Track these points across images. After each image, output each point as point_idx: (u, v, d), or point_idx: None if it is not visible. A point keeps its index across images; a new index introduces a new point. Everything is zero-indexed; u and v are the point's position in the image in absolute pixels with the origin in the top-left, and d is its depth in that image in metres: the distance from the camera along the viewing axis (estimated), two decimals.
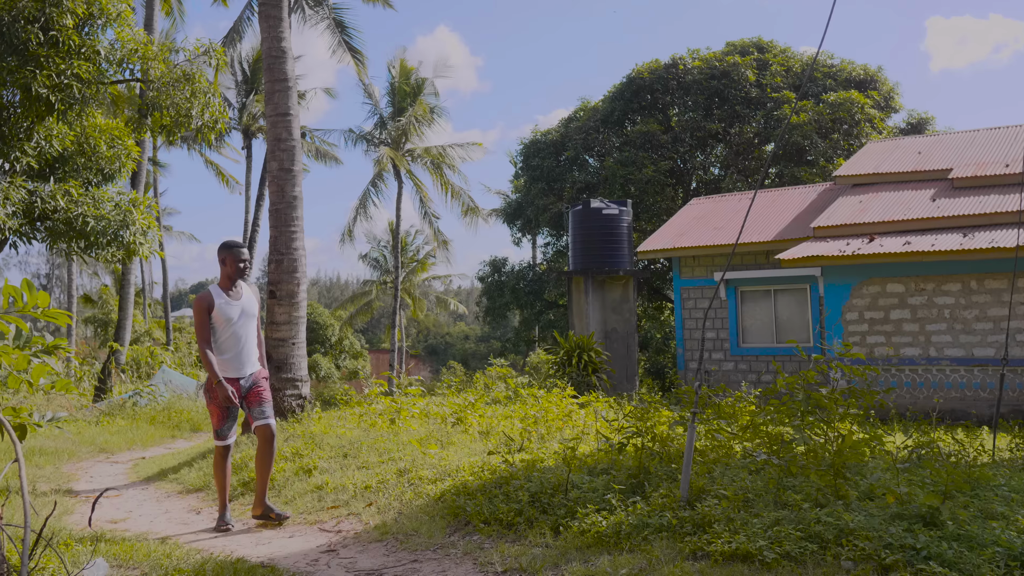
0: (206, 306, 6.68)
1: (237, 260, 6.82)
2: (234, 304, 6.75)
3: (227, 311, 6.70)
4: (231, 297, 6.78)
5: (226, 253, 6.83)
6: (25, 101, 11.49)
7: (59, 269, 53.45)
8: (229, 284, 6.82)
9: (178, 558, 5.26)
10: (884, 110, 30.27)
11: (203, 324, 6.66)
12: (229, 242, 6.89)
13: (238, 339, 6.75)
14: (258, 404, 6.78)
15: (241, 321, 6.75)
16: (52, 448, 11.20)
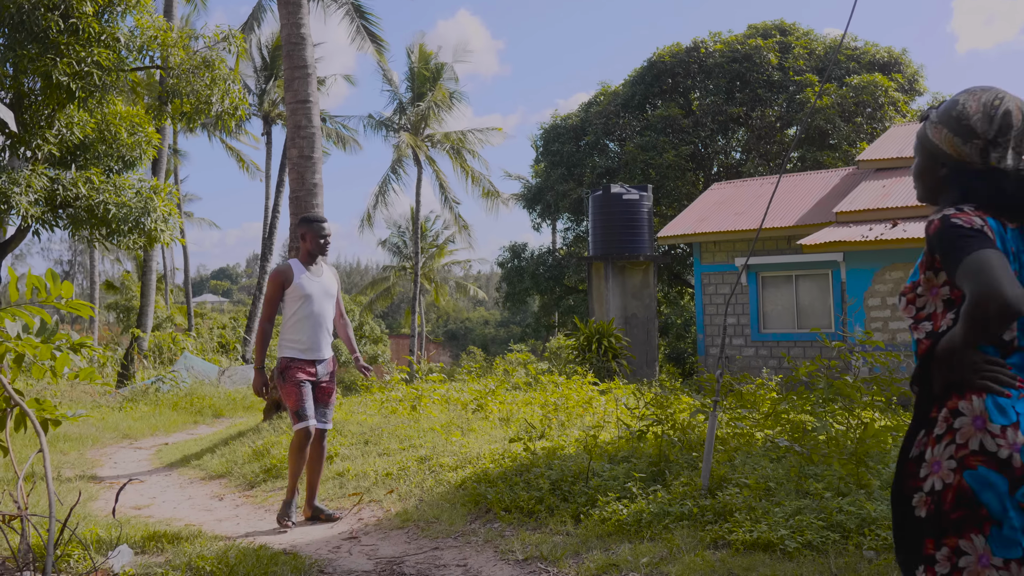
0: (281, 280, 6.21)
1: (318, 236, 6.30)
2: (314, 280, 6.28)
3: (306, 285, 6.21)
4: (311, 273, 6.31)
5: (306, 228, 6.35)
6: (46, 89, 11.56)
7: (81, 256, 53.91)
8: (310, 260, 6.35)
9: (201, 545, 5.30)
10: (908, 93, 29.97)
11: (272, 299, 6.21)
12: (309, 216, 6.42)
13: (315, 319, 6.23)
14: (323, 404, 6.31)
15: (320, 300, 6.26)
16: (76, 434, 11.31)
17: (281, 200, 30.60)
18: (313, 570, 4.84)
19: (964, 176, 2.42)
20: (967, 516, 2.20)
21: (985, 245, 2.19)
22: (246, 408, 15.14)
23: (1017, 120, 2.35)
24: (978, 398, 2.24)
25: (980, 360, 2.24)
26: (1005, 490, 2.16)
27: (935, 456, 2.29)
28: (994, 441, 2.18)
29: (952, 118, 2.42)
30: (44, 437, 3.34)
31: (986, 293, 2.09)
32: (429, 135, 36.01)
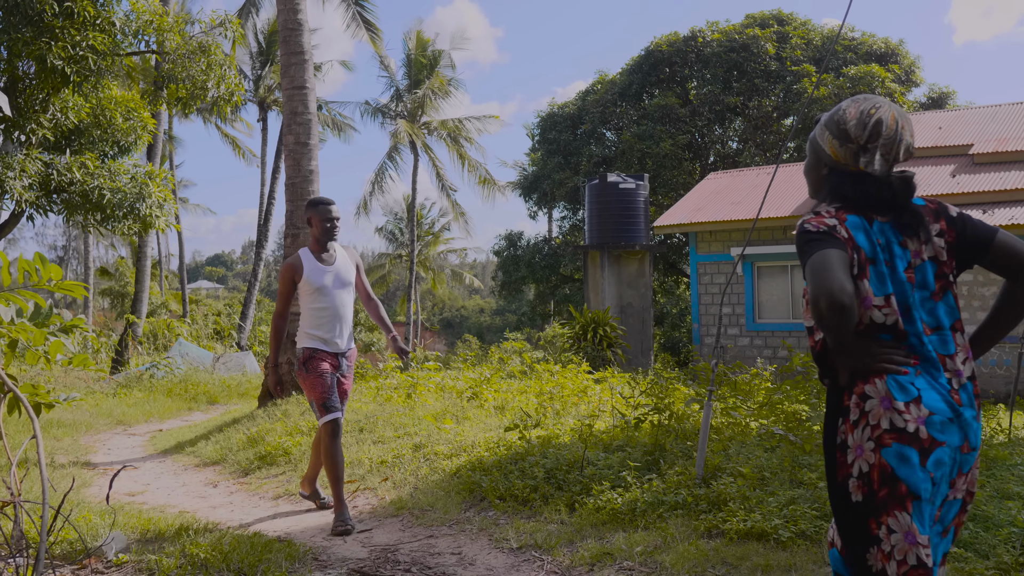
0: (291, 275, 5.84)
1: (323, 219, 5.86)
2: (326, 270, 5.87)
3: (317, 278, 5.82)
4: (323, 262, 5.89)
5: (311, 212, 5.93)
6: (40, 73, 11.49)
7: (76, 241, 53.78)
8: (319, 247, 5.92)
9: (195, 531, 5.29)
10: (905, 84, 29.96)
11: (285, 295, 5.88)
12: (314, 199, 6.00)
13: (332, 312, 5.85)
14: (340, 397, 5.98)
15: (335, 291, 5.86)
16: (70, 420, 11.29)
17: (277, 187, 30.53)
18: (307, 557, 4.84)
19: (838, 176, 2.60)
20: (890, 494, 2.35)
21: (826, 245, 2.37)
22: (241, 395, 15.13)
23: (888, 129, 2.52)
24: (880, 380, 2.39)
25: (875, 345, 2.41)
26: (918, 462, 2.32)
27: (856, 441, 2.42)
28: (901, 417, 2.34)
29: (834, 123, 2.60)
30: (38, 423, 3.33)
31: (816, 290, 2.28)
32: (426, 122, 35.93)
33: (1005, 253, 2.53)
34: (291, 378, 10.69)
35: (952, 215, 2.58)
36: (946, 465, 2.37)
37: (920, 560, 2.33)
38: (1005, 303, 2.59)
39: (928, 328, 2.48)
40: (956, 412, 2.39)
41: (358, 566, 4.69)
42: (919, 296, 2.49)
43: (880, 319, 2.43)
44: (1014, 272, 2.54)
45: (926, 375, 2.41)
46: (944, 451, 2.36)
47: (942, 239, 2.54)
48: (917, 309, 2.46)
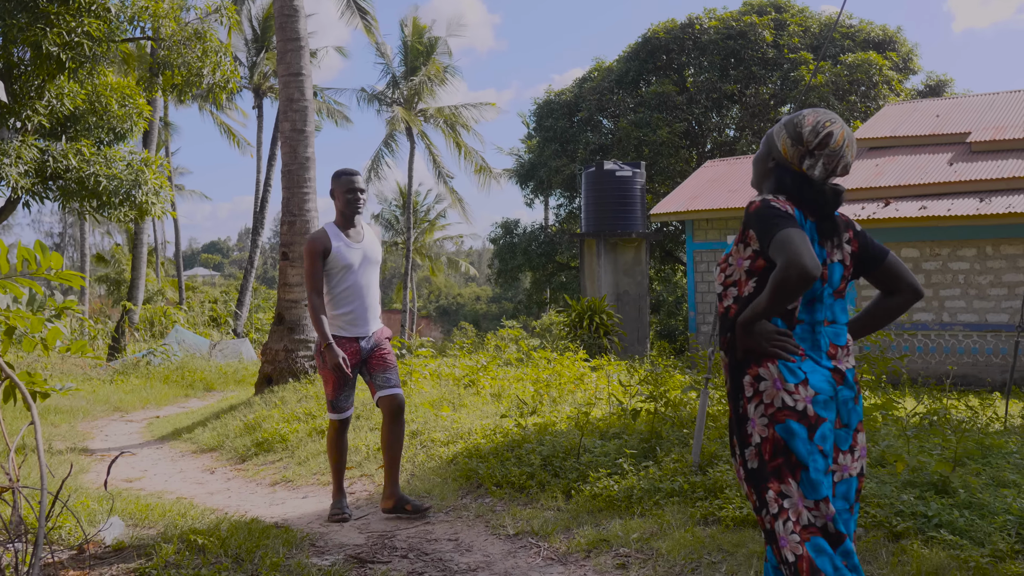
0: (320, 248, 5.38)
1: (345, 190, 5.47)
2: (354, 247, 5.48)
3: (345, 255, 5.42)
4: (350, 239, 5.49)
5: (333, 184, 5.54)
6: (36, 59, 11.45)
7: (72, 228, 53.65)
8: (346, 223, 5.52)
9: (193, 518, 5.31)
10: (902, 72, 29.92)
11: (315, 271, 5.38)
12: (338, 171, 5.60)
13: (359, 290, 5.47)
14: (382, 370, 5.49)
15: (363, 268, 5.49)
16: (67, 407, 11.30)
17: (273, 174, 30.45)
18: (305, 543, 4.85)
19: (783, 172, 2.95)
20: (783, 464, 2.70)
21: (792, 225, 2.71)
22: (237, 382, 15.14)
23: (836, 143, 2.88)
24: (772, 364, 2.75)
25: (772, 331, 2.75)
26: (806, 436, 2.69)
27: (752, 415, 2.79)
28: (791, 397, 2.71)
29: (792, 125, 2.95)
30: (35, 409, 3.33)
31: (791, 261, 2.59)
32: (422, 109, 35.85)
33: (892, 272, 2.99)
34: (287, 365, 10.70)
35: (857, 229, 3.02)
36: (828, 439, 2.73)
37: (810, 521, 2.66)
38: (880, 308, 3.05)
39: (828, 321, 2.86)
40: (836, 392, 2.78)
41: (355, 552, 4.71)
42: (827, 291, 2.86)
43: None
44: (893, 289, 3.01)
45: (811, 360, 2.78)
46: (827, 426, 2.73)
47: (849, 247, 2.96)
48: (822, 302, 2.84)
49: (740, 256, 2.91)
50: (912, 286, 3.01)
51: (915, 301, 3.03)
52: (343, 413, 5.52)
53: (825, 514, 2.67)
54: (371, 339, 5.51)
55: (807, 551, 2.65)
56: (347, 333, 5.45)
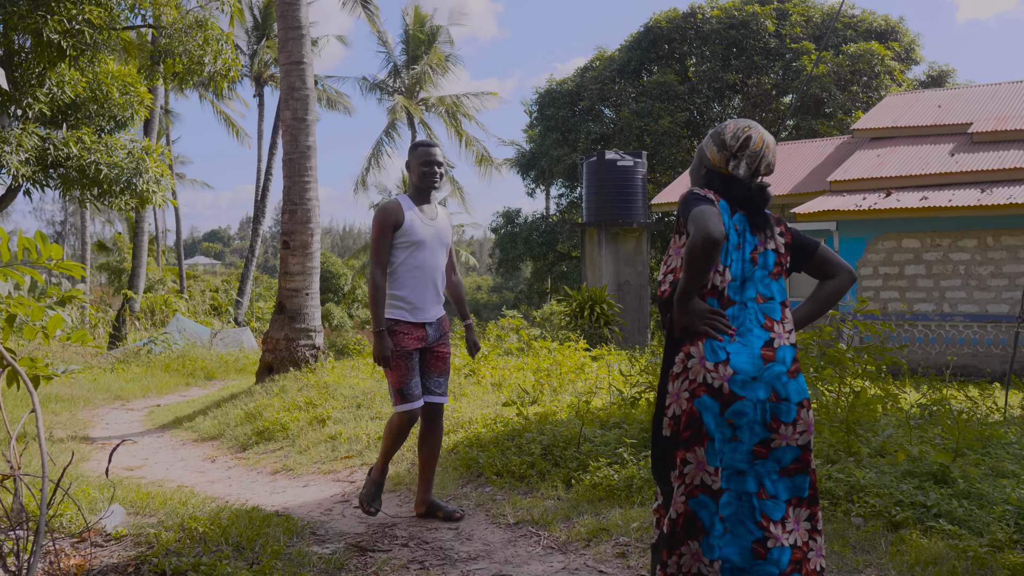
0: (392, 220, 4.87)
1: (421, 163, 4.96)
2: (427, 224, 4.98)
3: (418, 230, 4.91)
4: (425, 214, 4.99)
5: (410, 156, 5.03)
6: (36, 47, 11.44)
7: (73, 216, 53.65)
8: (421, 198, 5.01)
9: (194, 506, 5.32)
10: (904, 62, 29.85)
11: (381, 245, 4.87)
12: (415, 142, 5.13)
13: (428, 271, 4.96)
14: (438, 373, 5.06)
15: (434, 248, 4.98)
16: (68, 395, 11.32)
17: (274, 162, 30.42)
18: (305, 532, 4.87)
19: (712, 176, 3.27)
20: (694, 434, 3.03)
21: (707, 203, 3.04)
22: (238, 371, 15.16)
23: (755, 146, 3.21)
24: (701, 343, 3.04)
25: (705, 310, 3.05)
26: (718, 411, 2.98)
27: (675, 390, 3.11)
28: (710, 375, 3.00)
29: (717, 134, 3.28)
30: (36, 397, 3.34)
31: (697, 229, 2.93)
32: (424, 99, 35.78)
33: (825, 259, 3.35)
34: (288, 354, 10.71)
35: (788, 226, 3.36)
36: (748, 415, 2.99)
37: (703, 482, 3.02)
38: (822, 293, 3.36)
39: (762, 298, 3.14)
40: (760, 371, 3.02)
41: (356, 541, 4.72)
42: (760, 273, 3.16)
43: (716, 283, 3.08)
44: (830, 273, 3.34)
45: (739, 341, 3.05)
46: (745, 404, 2.98)
47: (783, 239, 3.28)
48: (756, 282, 3.13)
49: (677, 245, 3.23)
50: (846, 268, 3.33)
51: (851, 282, 3.35)
52: (415, 402, 4.90)
53: (720, 479, 3.00)
54: (437, 326, 5.02)
55: (689, 507, 3.04)
56: (412, 317, 4.90)
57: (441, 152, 5.03)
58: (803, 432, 3.06)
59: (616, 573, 4.10)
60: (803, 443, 3.06)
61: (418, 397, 4.90)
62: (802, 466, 3.07)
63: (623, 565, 4.19)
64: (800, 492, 3.07)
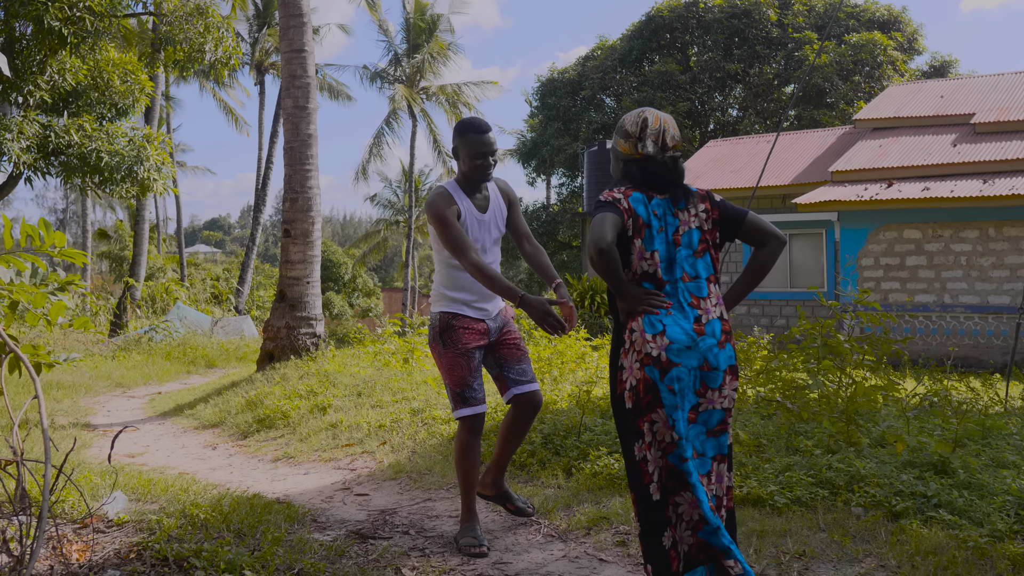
0: (455, 207, 4.28)
1: (473, 152, 4.31)
2: (481, 218, 4.42)
3: (471, 226, 4.36)
4: (477, 207, 4.41)
5: (457, 140, 4.37)
6: (37, 34, 11.42)
7: (74, 204, 53.62)
8: (470, 187, 4.40)
9: (195, 493, 5.33)
10: (907, 52, 29.78)
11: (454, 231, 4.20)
12: (465, 123, 4.40)
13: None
14: (516, 360, 4.47)
15: (483, 242, 4.41)
16: (69, 382, 11.33)
17: (275, 151, 30.39)
18: (306, 519, 4.88)
19: (628, 164, 3.49)
20: (653, 398, 3.27)
21: (606, 210, 3.29)
22: (239, 359, 15.17)
23: (654, 125, 3.45)
24: (640, 319, 3.30)
25: (640, 292, 3.32)
26: (658, 377, 3.24)
27: (628, 364, 3.33)
28: (649, 346, 3.25)
29: (619, 128, 3.52)
30: (39, 383, 3.35)
31: (591, 242, 3.23)
32: (424, 87, 35.71)
33: (754, 227, 3.47)
34: (289, 342, 10.72)
35: (716, 200, 3.49)
36: (684, 380, 3.25)
37: (673, 439, 3.25)
38: (755, 262, 3.49)
39: (688, 277, 3.37)
40: (695, 341, 3.28)
41: (356, 528, 4.73)
42: (684, 253, 3.37)
43: (646, 268, 3.33)
44: (760, 242, 3.48)
45: (675, 314, 3.31)
46: (680, 370, 3.25)
47: (707, 215, 3.44)
48: (681, 263, 3.36)
49: None
50: (775, 235, 3.46)
51: (781, 248, 3.50)
52: (478, 406, 4.36)
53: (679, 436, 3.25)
54: (497, 319, 4.50)
55: (668, 461, 3.29)
56: (471, 312, 4.40)
57: (494, 138, 4.35)
58: (727, 396, 3.35)
59: (616, 561, 4.11)
60: (727, 407, 3.36)
61: (482, 400, 4.39)
62: (725, 427, 3.37)
63: (623, 553, 4.20)
64: (722, 449, 3.37)
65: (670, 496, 3.32)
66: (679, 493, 3.31)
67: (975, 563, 3.75)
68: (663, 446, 3.29)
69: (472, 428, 4.36)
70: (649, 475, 3.32)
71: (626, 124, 3.49)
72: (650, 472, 3.32)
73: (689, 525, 3.33)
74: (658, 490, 3.31)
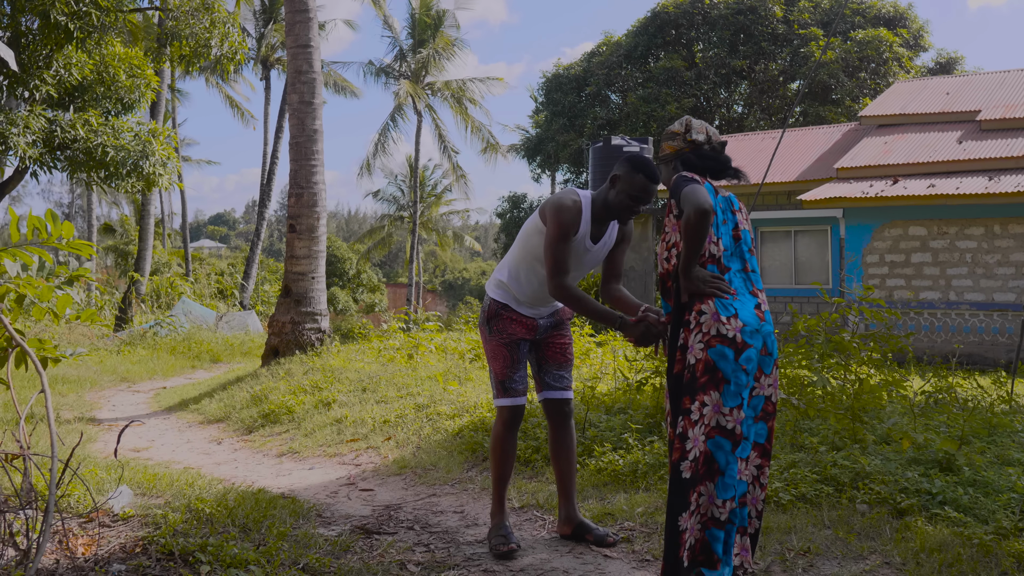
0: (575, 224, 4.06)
1: (631, 193, 4.03)
2: (591, 249, 4.21)
3: (577, 251, 4.15)
4: (593, 233, 4.19)
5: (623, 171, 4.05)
6: (44, 28, 11.42)
7: (80, 199, 53.70)
8: (605, 215, 4.14)
9: (200, 487, 5.34)
10: (913, 49, 29.70)
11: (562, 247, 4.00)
12: (638, 159, 4.03)
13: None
14: (558, 365, 4.36)
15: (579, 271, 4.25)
16: (75, 376, 11.36)
17: (280, 146, 30.39)
18: (311, 514, 4.89)
19: (682, 157, 3.78)
20: (709, 379, 3.43)
21: (697, 184, 3.53)
22: (244, 354, 15.19)
23: (697, 124, 3.80)
24: (711, 301, 3.48)
25: (708, 276, 3.50)
26: (732, 357, 3.42)
27: (691, 343, 3.51)
28: (724, 327, 3.44)
29: (664, 135, 3.88)
30: (45, 377, 3.35)
31: (689, 204, 3.43)
32: (430, 83, 35.68)
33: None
34: (294, 337, 10.73)
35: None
36: (753, 361, 3.47)
37: (719, 424, 3.41)
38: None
39: (748, 268, 3.64)
40: (759, 326, 3.52)
41: (361, 523, 4.74)
42: (744, 248, 3.64)
43: (714, 252, 3.55)
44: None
45: (741, 299, 3.52)
46: (752, 351, 3.47)
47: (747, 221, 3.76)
48: (741, 254, 3.62)
49: (672, 223, 3.63)
50: None
51: None
52: (518, 397, 4.27)
53: (736, 419, 3.43)
54: (550, 318, 4.36)
55: (707, 447, 3.41)
56: (525, 311, 4.28)
57: (656, 188, 4.05)
58: (772, 385, 3.58)
59: (621, 557, 4.11)
60: (769, 394, 3.57)
61: (522, 393, 4.28)
62: (766, 415, 3.57)
63: (628, 549, 4.20)
64: (760, 438, 3.57)
65: (697, 483, 3.43)
66: (704, 483, 3.42)
67: (980, 560, 3.74)
68: (707, 429, 3.42)
69: (508, 420, 4.29)
70: (685, 452, 3.46)
71: (670, 130, 3.84)
72: (687, 450, 3.46)
73: (701, 520, 3.42)
74: (690, 470, 3.45)
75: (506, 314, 4.26)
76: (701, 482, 3.41)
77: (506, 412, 4.28)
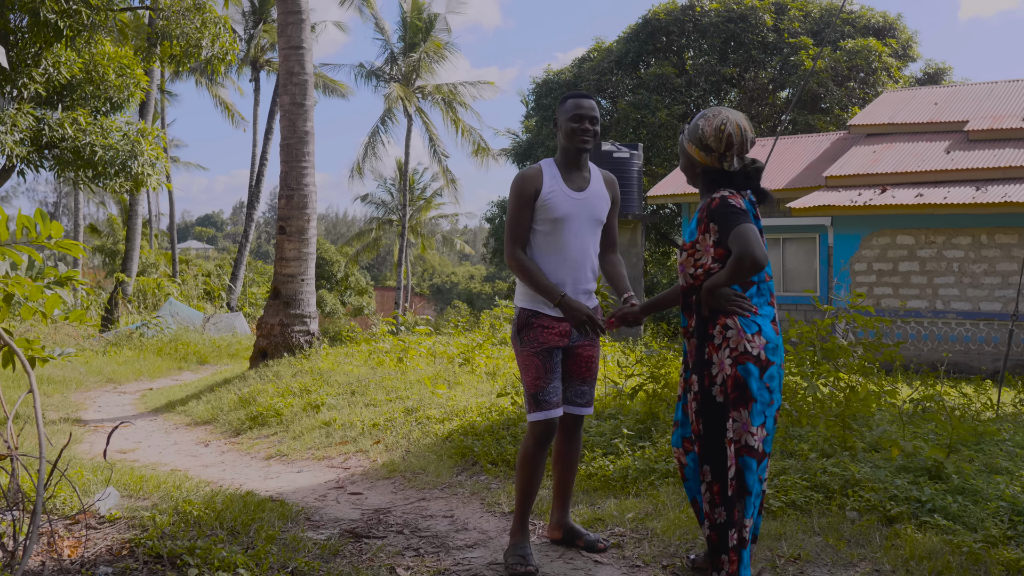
0: (530, 189, 4.02)
1: (569, 116, 4.07)
2: (573, 197, 4.05)
3: (558, 204, 4.01)
4: (571, 184, 4.08)
5: (558, 111, 4.17)
6: (33, 26, 11.36)
7: (67, 198, 53.42)
8: (567, 162, 4.11)
9: (188, 490, 5.31)
10: (901, 59, 29.84)
11: (520, 218, 4.02)
12: (566, 94, 4.17)
13: (570, 257, 4.05)
14: (581, 380, 4.20)
15: (580, 225, 4.06)
16: (60, 377, 11.28)
17: (270, 148, 30.30)
18: (300, 517, 4.86)
19: (709, 174, 3.64)
20: (739, 396, 3.46)
21: (747, 221, 3.44)
22: (231, 355, 15.13)
23: (737, 137, 3.56)
24: (736, 318, 3.49)
25: (731, 294, 3.51)
26: (758, 375, 3.45)
27: (719, 359, 3.53)
28: (749, 344, 3.46)
29: (697, 138, 3.63)
30: (34, 377, 3.32)
31: (746, 253, 3.37)
32: (420, 87, 35.65)
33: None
34: (283, 340, 10.69)
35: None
36: (776, 379, 3.51)
37: (747, 443, 3.46)
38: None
39: (768, 276, 3.62)
40: (778, 340, 3.54)
41: (350, 527, 4.72)
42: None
43: None
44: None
45: (762, 315, 3.54)
46: (774, 368, 3.50)
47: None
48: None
49: (707, 244, 3.58)
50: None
51: None
52: (552, 410, 4.03)
53: (760, 437, 3.48)
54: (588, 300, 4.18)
55: (739, 464, 3.47)
56: (553, 312, 4.05)
57: (595, 106, 4.09)
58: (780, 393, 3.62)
59: (612, 563, 4.10)
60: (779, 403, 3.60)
61: (557, 404, 4.04)
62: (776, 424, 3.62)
63: (619, 555, 4.19)
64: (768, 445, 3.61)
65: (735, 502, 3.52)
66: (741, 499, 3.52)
67: (969, 568, 3.75)
68: (736, 447, 3.48)
69: (541, 435, 4.05)
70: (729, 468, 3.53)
71: (707, 137, 3.59)
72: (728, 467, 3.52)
73: (709, 516, 3.60)
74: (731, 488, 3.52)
75: (537, 322, 4.05)
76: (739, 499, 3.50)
77: (539, 427, 4.04)
